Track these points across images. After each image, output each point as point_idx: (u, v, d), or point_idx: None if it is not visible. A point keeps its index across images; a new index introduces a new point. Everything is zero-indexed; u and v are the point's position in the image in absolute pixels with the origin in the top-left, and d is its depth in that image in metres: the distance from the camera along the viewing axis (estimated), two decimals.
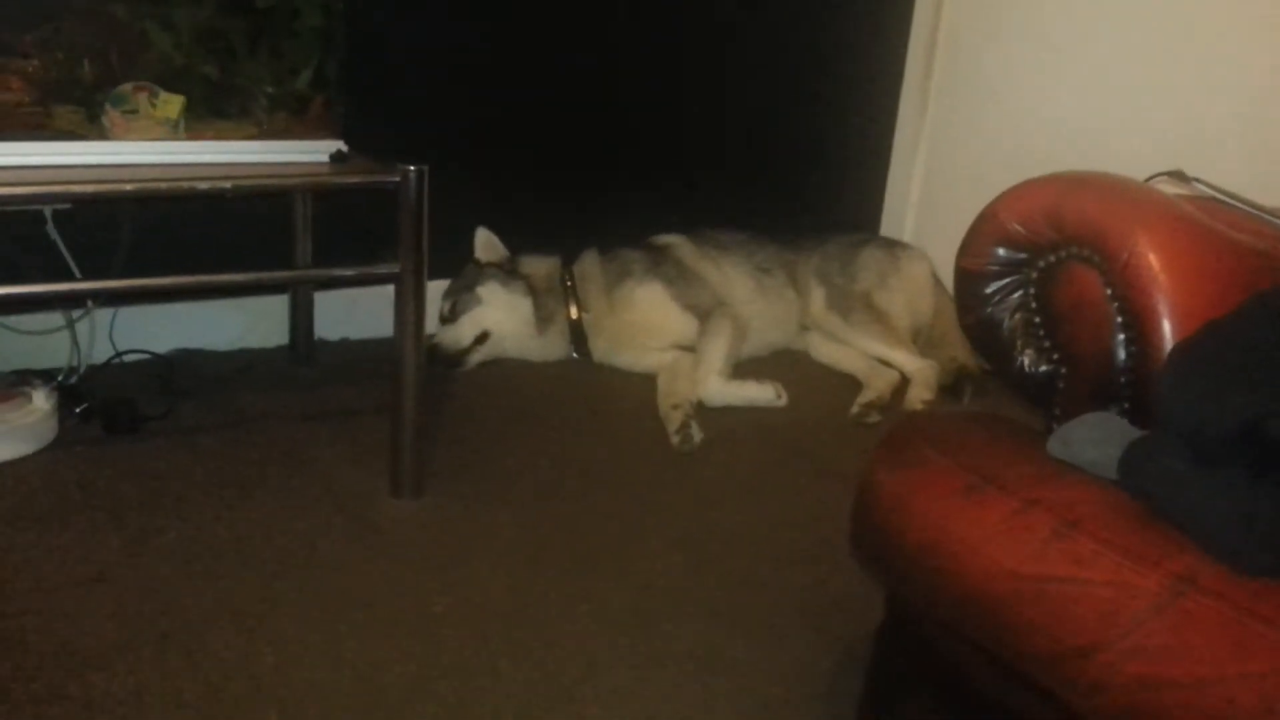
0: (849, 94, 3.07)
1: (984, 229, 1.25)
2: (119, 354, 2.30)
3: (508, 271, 2.62)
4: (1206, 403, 0.97)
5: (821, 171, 3.11)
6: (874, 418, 2.42)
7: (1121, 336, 1.16)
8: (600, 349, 2.67)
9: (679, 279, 2.66)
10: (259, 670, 1.46)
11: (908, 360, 2.62)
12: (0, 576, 1.62)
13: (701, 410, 2.37)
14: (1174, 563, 0.90)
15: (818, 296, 2.77)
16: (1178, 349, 1.07)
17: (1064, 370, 1.23)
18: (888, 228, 3.16)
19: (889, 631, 1.23)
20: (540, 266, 2.68)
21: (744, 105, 2.98)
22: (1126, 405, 1.16)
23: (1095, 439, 1.05)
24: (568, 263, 2.71)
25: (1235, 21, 2.27)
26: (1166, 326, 1.12)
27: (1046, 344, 1.24)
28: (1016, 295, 1.26)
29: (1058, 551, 0.95)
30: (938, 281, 2.82)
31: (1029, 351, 1.25)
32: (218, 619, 1.56)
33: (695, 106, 2.92)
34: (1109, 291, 1.17)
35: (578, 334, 2.66)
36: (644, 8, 2.78)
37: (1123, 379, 1.16)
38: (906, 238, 3.07)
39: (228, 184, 1.65)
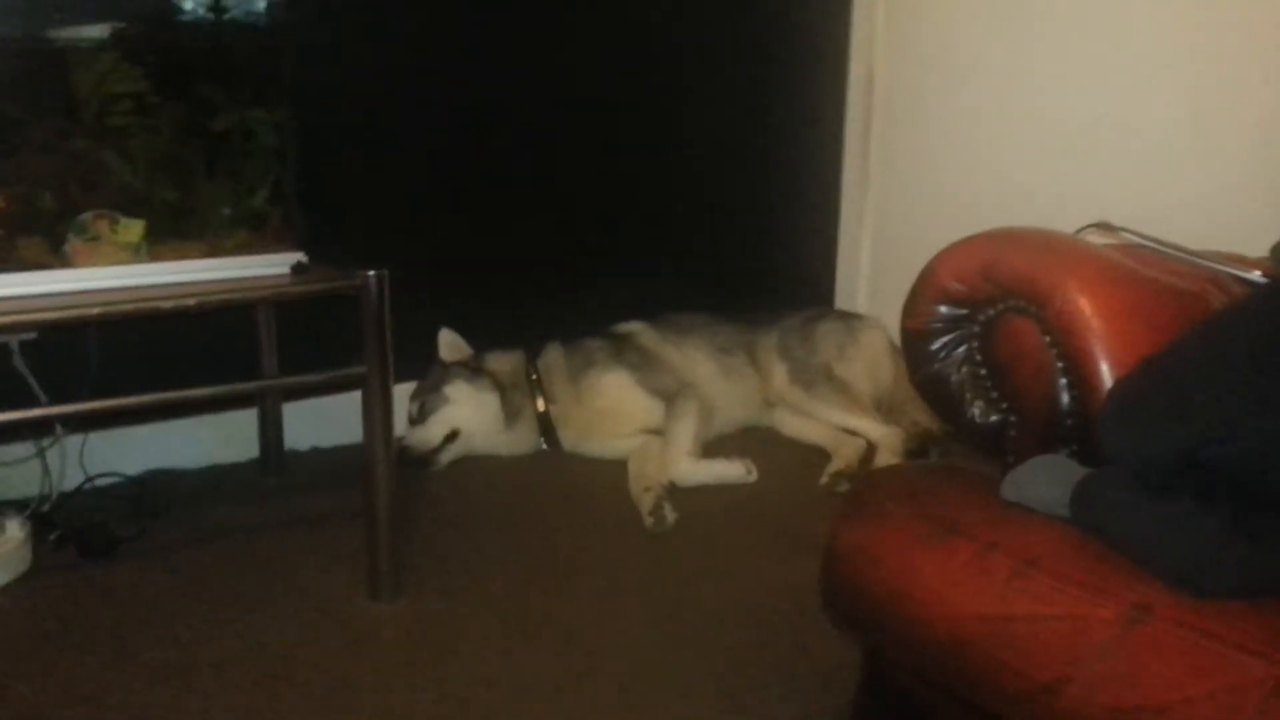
0: (792, 176, 3.17)
1: (924, 289, 1.31)
2: (90, 479, 2.30)
3: (473, 369, 2.66)
4: (1147, 435, 1.02)
5: (773, 251, 3.19)
6: (844, 486, 2.45)
7: (1063, 381, 1.21)
8: (569, 439, 2.69)
9: (643, 365, 2.71)
10: None
11: (872, 428, 2.66)
12: None
13: (673, 491, 2.39)
14: (1130, 593, 0.93)
15: (780, 372, 2.82)
16: (1116, 387, 1.12)
17: (1013, 418, 1.27)
18: (842, 300, 3.23)
19: (867, 687, 1.25)
20: (505, 362, 2.71)
21: (692, 193, 3.06)
22: (1075, 447, 1.20)
23: (1046, 480, 1.10)
24: (532, 356, 2.75)
25: (1162, 80, 2.38)
26: (1104, 368, 1.17)
27: (994, 394, 1.29)
28: (961, 350, 1.31)
29: (1018, 591, 0.98)
30: (895, 349, 2.88)
31: (978, 403, 1.30)
32: None
33: (645, 197, 3.00)
34: (1047, 339, 1.22)
35: (546, 425, 2.69)
36: (594, 107, 2.87)
37: (1069, 421, 1.21)
38: (861, 308, 3.15)
39: (192, 301, 1.69)
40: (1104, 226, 1.42)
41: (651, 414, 2.63)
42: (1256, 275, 1.29)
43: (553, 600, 1.96)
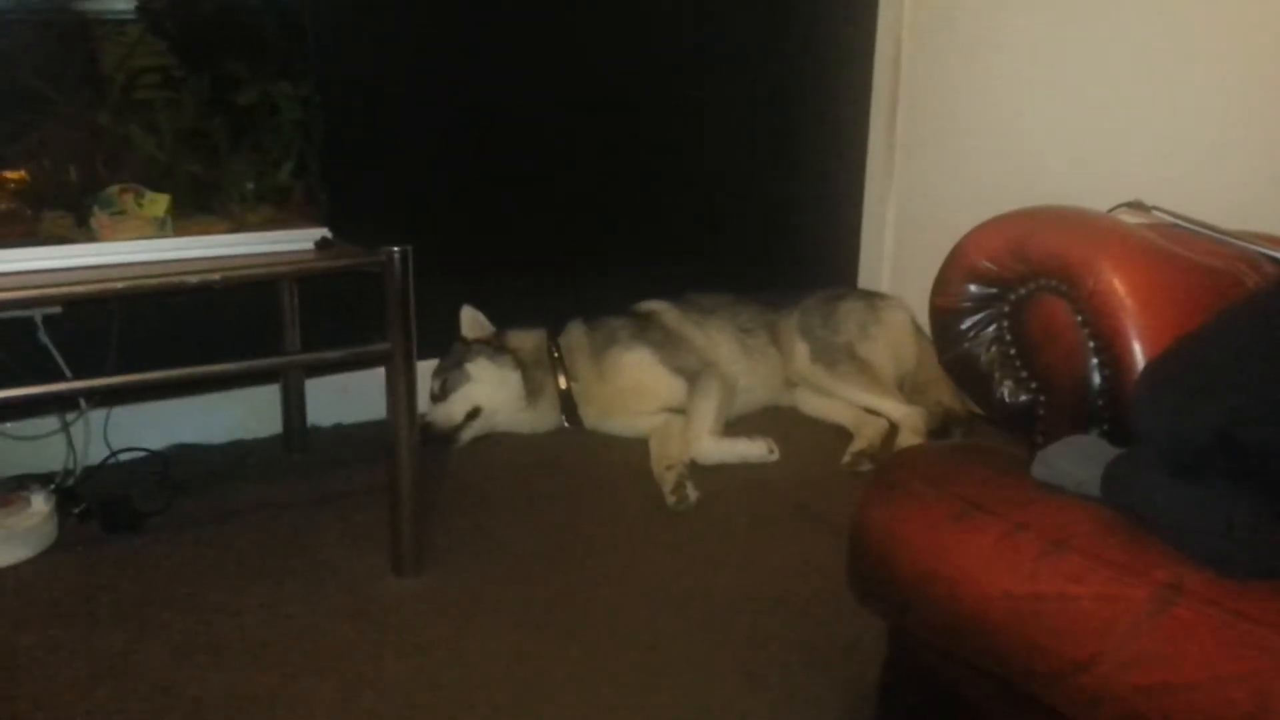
0: (817, 156, 3.15)
1: (955, 267, 1.30)
2: (114, 453, 2.32)
3: (495, 347, 2.66)
4: (1180, 415, 1.01)
5: (797, 231, 3.17)
6: (866, 466, 2.44)
7: (1094, 361, 1.20)
8: (591, 417, 2.69)
9: (665, 343, 2.70)
10: None
11: (894, 407, 2.65)
12: (7, 678, 1.62)
13: (695, 470, 2.39)
14: (1161, 572, 0.93)
15: (802, 352, 2.81)
16: (1149, 367, 1.11)
17: (1042, 398, 1.26)
18: (865, 280, 3.22)
19: (893, 666, 1.25)
20: (527, 340, 2.71)
21: (716, 172, 3.05)
22: (1105, 427, 1.19)
23: (1077, 460, 1.09)
24: (554, 334, 2.75)
25: (1191, 59, 2.35)
26: (1136, 348, 1.16)
27: (1024, 374, 1.28)
28: (991, 329, 1.30)
29: (1049, 570, 0.98)
30: (918, 328, 2.87)
31: (1007, 383, 1.29)
32: (226, 708, 1.56)
33: (671, 176, 2.98)
34: (1079, 319, 1.21)
35: (568, 403, 2.69)
36: (618, 85, 2.86)
37: (1100, 402, 1.20)
38: (884, 288, 3.13)
39: (217, 276, 1.69)
40: (1136, 206, 1.40)
41: (673, 392, 2.62)
42: None
43: (575, 577, 1.96)
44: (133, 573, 1.93)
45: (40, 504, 2.01)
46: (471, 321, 2.69)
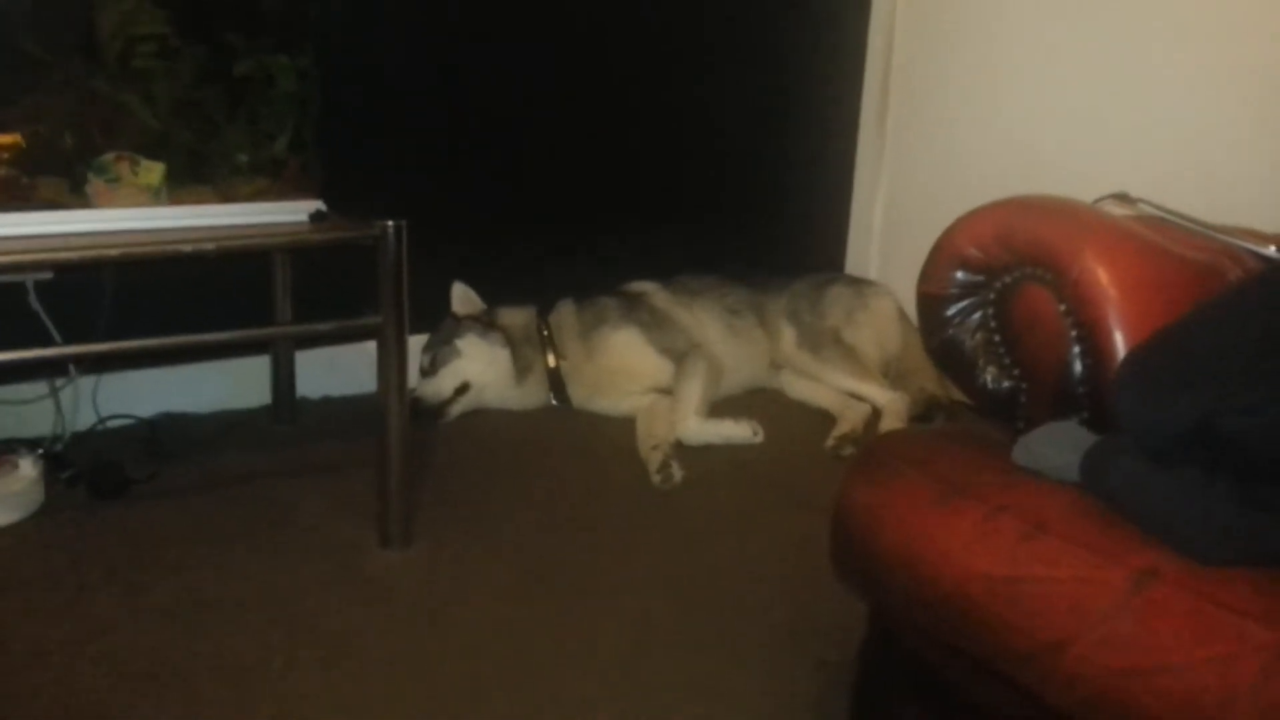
0: (809, 139, 3.16)
1: (942, 254, 1.31)
2: (103, 420, 2.32)
3: (485, 324, 2.67)
4: (1159, 404, 1.03)
5: (786, 215, 3.19)
6: (848, 450, 2.47)
7: (1077, 349, 1.22)
8: (579, 395, 2.71)
9: (653, 324, 2.72)
10: (255, 718, 1.48)
11: (878, 393, 2.67)
12: None
13: (681, 450, 2.41)
14: (1137, 557, 0.95)
15: (788, 335, 2.83)
16: (1130, 356, 1.13)
17: (1025, 385, 1.28)
18: (853, 266, 3.24)
19: (872, 646, 1.27)
20: (517, 317, 2.73)
21: (708, 155, 3.06)
22: (1086, 415, 1.21)
23: (1057, 445, 1.11)
24: (543, 312, 2.76)
25: (1182, 51, 2.37)
26: (1118, 337, 1.18)
27: (1007, 361, 1.30)
28: (976, 316, 1.32)
29: (1027, 552, 1.00)
30: (904, 315, 2.89)
31: (991, 369, 1.31)
32: (212, 673, 1.58)
33: (661, 157, 3.00)
34: (1062, 308, 1.23)
35: (556, 382, 2.70)
36: (614, 67, 2.86)
37: (1081, 390, 1.22)
38: (872, 275, 3.15)
39: (211, 245, 1.69)
40: (1122, 197, 1.42)
41: (661, 373, 2.64)
42: (1272, 250, 1.29)
43: (560, 553, 1.98)
44: (120, 538, 1.94)
45: (28, 468, 2.01)
46: (462, 298, 2.70)
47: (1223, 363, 1.02)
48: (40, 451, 2.11)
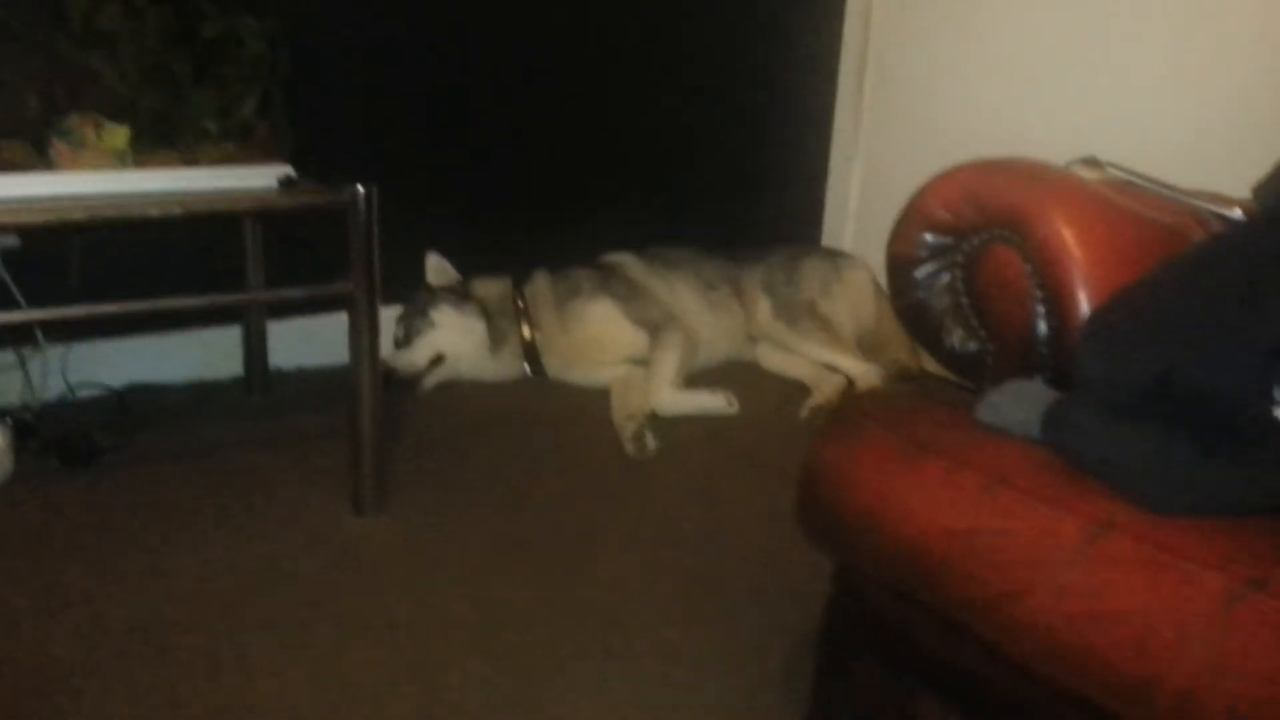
0: (786, 112, 3.16)
1: (912, 216, 1.32)
2: (72, 390, 2.31)
3: (460, 295, 2.67)
4: (1119, 361, 1.04)
5: (762, 187, 3.19)
6: (822, 421, 2.47)
7: (1042, 310, 1.22)
8: (554, 366, 2.71)
9: (629, 295, 2.72)
10: (227, 682, 1.48)
11: (853, 364, 2.68)
12: None
13: (655, 420, 2.42)
14: (1094, 509, 0.96)
15: (764, 307, 2.83)
16: (1093, 315, 1.14)
17: (991, 346, 1.29)
18: (829, 238, 3.24)
19: (836, 603, 1.28)
20: (492, 288, 2.72)
21: (684, 126, 3.05)
22: (1050, 375, 1.22)
23: (1020, 403, 1.12)
24: (518, 284, 2.75)
25: (1155, 21, 2.38)
26: (1082, 297, 1.18)
27: (974, 322, 1.30)
28: (944, 278, 1.32)
29: (987, 505, 1.01)
30: (878, 288, 2.90)
31: (958, 330, 1.32)
32: (183, 637, 1.57)
33: (637, 129, 2.99)
34: (1028, 269, 1.23)
35: (531, 353, 2.70)
36: (587, 33, 2.85)
37: (1045, 350, 1.22)
38: (847, 247, 3.16)
39: (178, 209, 1.68)
40: (1090, 162, 1.43)
41: (636, 344, 2.64)
42: (1237, 213, 1.30)
43: (534, 520, 1.99)
44: (90, 506, 1.93)
45: None
46: (437, 269, 2.69)
47: (1182, 318, 1.03)
48: (9, 421, 2.10)
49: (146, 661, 1.51)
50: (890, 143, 3.06)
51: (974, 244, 1.29)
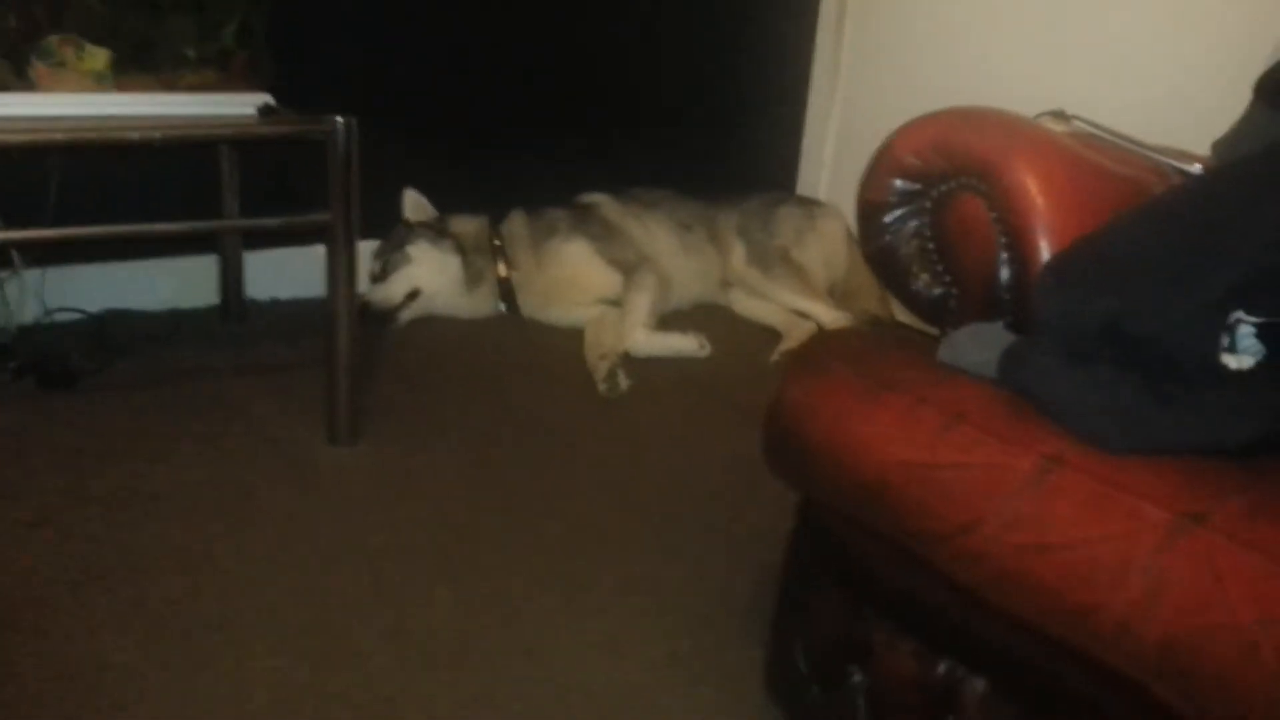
0: (764, 59, 3.17)
1: (882, 162, 1.35)
2: (49, 313, 2.31)
3: (437, 231, 2.68)
4: (1074, 306, 1.08)
5: (739, 133, 3.20)
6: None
7: (1005, 256, 1.26)
8: (528, 305, 2.74)
9: (604, 236, 2.74)
10: (202, 601, 1.52)
11: (824, 312, 2.72)
12: None
13: (628, 361, 2.45)
14: (1046, 445, 1.00)
15: (738, 252, 2.86)
16: (1050, 262, 1.17)
17: (955, 291, 1.33)
18: (803, 187, 3.27)
19: (799, 536, 1.33)
20: (468, 226, 2.74)
21: (663, 69, 3.06)
22: (1010, 319, 1.26)
23: (979, 344, 1.16)
24: (495, 222, 2.77)
25: None
26: (1043, 244, 1.22)
27: (939, 268, 1.34)
28: (912, 224, 1.35)
29: (945, 442, 1.05)
30: (851, 237, 2.93)
31: (924, 276, 1.35)
32: (160, 558, 1.61)
33: (617, 71, 2.99)
34: (993, 216, 1.27)
35: (506, 291, 2.73)
36: None
37: (1006, 296, 1.26)
38: (821, 196, 3.19)
39: (158, 133, 1.68)
40: (1058, 114, 1.46)
41: (610, 284, 2.67)
42: (1196, 168, 1.34)
43: (506, 454, 2.02)
44: (69, 427, 1.95)
45: None
46: (414, 204, 2.70)
47: (1135, 266, 1.07)
48: None
49: (122, 583, 1.54)
50: (867, 92, 3.08)
51: (942, 191, 1.32)
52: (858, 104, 3.12)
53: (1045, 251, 1.21)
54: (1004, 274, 1.27)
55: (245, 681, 1.37)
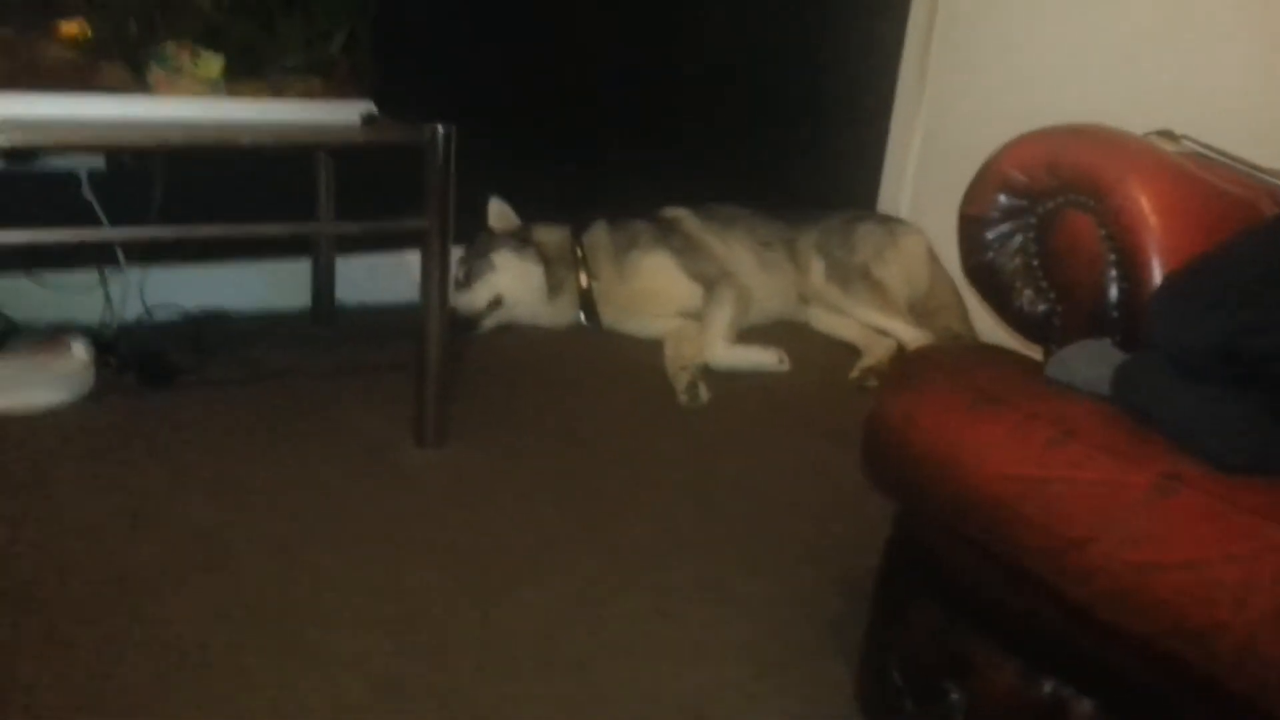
0: (849, 75, 3.16)
1: (987, 178, 1.35)
2: (149, 311, 2.38)
3: (520, 240, 2.71)
4: (1191, 324, 1.07)
5: (822, 148, 3.19)
6: (872, 382, 2.51)
7: (1114, 274, 1.25)
8: (609, 316, 2.76)
9: (685, 249, 2.75)
10: (296, 592, 1.55)
11: (904, 329, 2.71)
12: (46, 508, 1.71)
13: (707, 373, 2.46)
14: (1162, 463, 0.99)
15: (817, 269, 2.86)
16: (1167, 280, 1.17)
17: (1060, 308, 1.32)
18: (885, 204, 3.25)
19: (897, 546, 1.33)
20: (552, 235, 2.77)
21: (748, 86, 3.07)
22: (1118, 338, 1.25)
23: (1090, 361, 1.15)
24: (578, 232, 2.80)
25: None
26: (1155, 264, 1.21)
27: (1044, 284, 1.33)
28: (1016, 240, 1.35)
29: (1055, 456, 1.05)
30: (932, 255, 2.92)
31: (1027, 292, 1.35)
32: (255, 548, 1.65)
33: (701, 85, 3.00)
34: (1102, 233, 1.26)
35: (587, 301, 2.75)
36: None
37: (1115, 314, 1.26)
38: (903, 214, 3.17)
39: (270, 138, 1.73)
40: (1166, 134, 1.45)
41: (691, 297, 2.69)
42: None
43: (588, 458, 2.04)
44: (166, 422, 2.01)
45: (80, 351, 2.08)
46: (499, 213, 2.74)
47: (1252, 284, 1.06)
48: (92, 337, 2.17)
49: (219, 568, 1.59)
50: (951, 113, 3.06)
51: (1048, 207, 1.32)
52: (942, 122, 3.10)
53: (1158, 270, 1.21)
54: (1113, 292, 1.26)
55: (338, 672, 1.39)
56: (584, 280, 2.74)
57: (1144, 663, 0.99)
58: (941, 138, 3.11)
